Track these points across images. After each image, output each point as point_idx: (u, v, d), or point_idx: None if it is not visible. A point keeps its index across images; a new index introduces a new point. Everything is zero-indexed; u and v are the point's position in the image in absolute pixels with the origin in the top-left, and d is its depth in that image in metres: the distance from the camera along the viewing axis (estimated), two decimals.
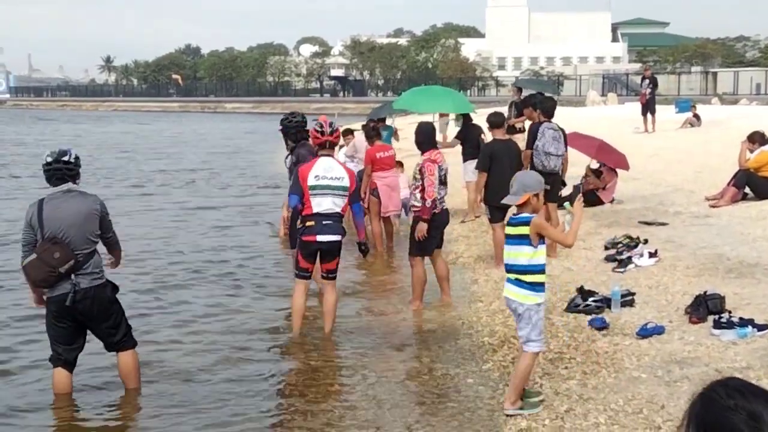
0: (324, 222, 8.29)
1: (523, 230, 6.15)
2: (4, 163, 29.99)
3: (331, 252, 8.44)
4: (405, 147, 18.71)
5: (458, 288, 10.40)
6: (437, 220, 9.37)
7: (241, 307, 9.85)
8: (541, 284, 6.22)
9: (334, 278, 8.61)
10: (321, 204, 8.30)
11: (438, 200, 9.29)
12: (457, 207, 16.20)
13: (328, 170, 8.37)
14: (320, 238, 8.31)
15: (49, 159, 6.61)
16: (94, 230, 6.60)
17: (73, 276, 6.49)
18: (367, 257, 9.59)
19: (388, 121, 18.42)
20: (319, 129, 8.56)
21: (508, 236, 6.32)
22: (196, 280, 11.27)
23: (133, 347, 7.03)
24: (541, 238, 6.17)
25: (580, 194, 6.60)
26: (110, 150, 36.24)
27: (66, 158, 6.61)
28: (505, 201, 6.48)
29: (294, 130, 10.04)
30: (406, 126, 21.08)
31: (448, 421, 6.30)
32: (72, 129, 57.43)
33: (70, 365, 6.85)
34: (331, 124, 8.61)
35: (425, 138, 9.52)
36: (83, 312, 6.60)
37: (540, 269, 6.19)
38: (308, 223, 8.32)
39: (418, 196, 9.25)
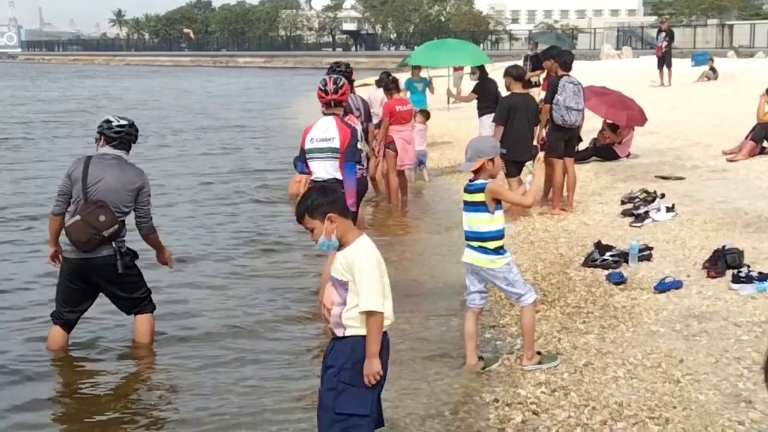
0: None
1: (479, 197, 6.09)
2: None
3: None
4: (435, 100, 18.46)
5: None
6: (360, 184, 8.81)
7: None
8: (503, 247, 6.17)
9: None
10: (316, 170, 8.00)
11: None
12: None
13: (322, 132, 7.97)
14: None
15: (124, 122, 6.74)
16: (129, 202, 6.63)
17: (113, 243, 6.53)
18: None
19: (423, 73, 18.27)
20: (323, 87, 8.10)
21: (465, 203, 6.23)
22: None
23: (152, 311, 7.05)
24: (498, 202, 6.10)
25: (540, 154, 6.51)
26: (182, 108, 35.86)
27: (121, 122, 6.74)
28: (463, 168, 6.36)
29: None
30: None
31: (466, 374, 6.31)
32: (115, 83, 56.96)
33: (69, 326, 6.92)
34: (335, 81, 8.11)
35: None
36: (103, 276, 6.64)
37: (500, 234, 6.13)
38: (310, 187, 8.18)
39: None
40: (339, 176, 7.91)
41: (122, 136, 6.71)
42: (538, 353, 6.40)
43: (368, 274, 4.39)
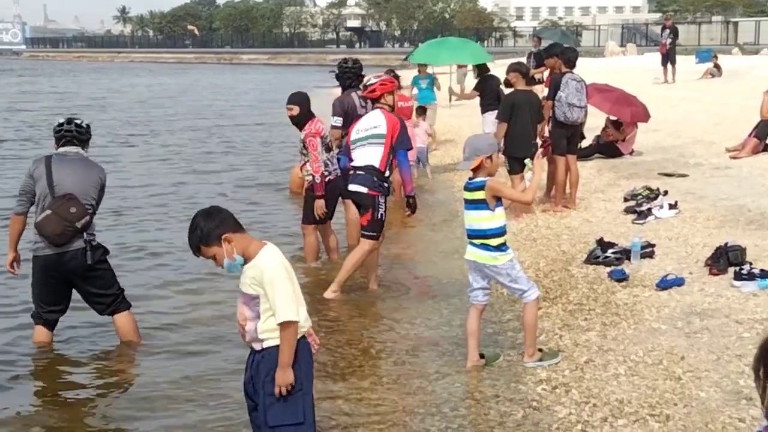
0: (357, 172, 8.11)
1: (479, 195, 6.10)
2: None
3: (361, 204, 8.18)
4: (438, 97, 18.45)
5: None
6: (331, 189, 9.07)
7: None
8: (505, 243, 6.18)
9: (367, 237, 8.22)
10: (356, 156, 8.17)
11: (330, 165, 9.07)
12: None
13: (368, 122, 8.22)
14: (350, 186, 8.17)
15: (61, 120, 6.94)
16: (95, 195, 6.72)
17: (84, 234, 6.58)
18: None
19: (429, 70, 18.29)
20: (366, 83, 8.47)
21: (466, 201, 6.26)
22: None
23: (128, 309, 7.06)
24: (498, 200, 6.11)
25: (540, 151, 6.53)
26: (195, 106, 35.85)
27: (78, 122, 6.91)
28: (459, 167, 6.37)
29: (345, 76, 9.97)
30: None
31: (467, 371, 6.31)
32: (132, 80, 57.06)
33: (50, 325, 6.94)
34: (379, 77, 8.50)
35: (302, 110, 8.97)
36: (74, 270, 6.66)
37: (502, 231, 6.14)
38: (350, 173, 8.26)
39: (309, 170, 9.00)
40: (376, 164, 8.05)
41: (62, 134, 6.82)
42: (540, 350, 6.40)
43: (279, 284, 4.28)
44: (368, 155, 8.09)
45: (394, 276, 9.16)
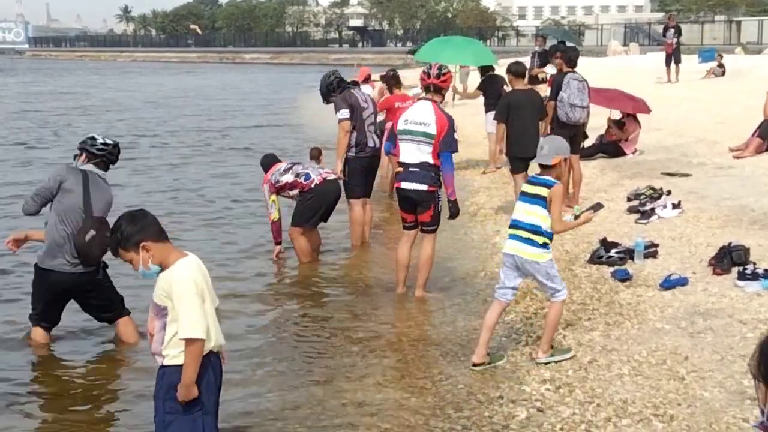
0: (411, 169, 7.95)
1: (542, 191, 6.16)
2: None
3: (421, 202, 8.02)
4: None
5: (479, 240, 10.39)
6: (319, 192, 9.28)
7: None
8: (549, 244, 6.26)
9: (429, 231, 8.17)
10: (406, 150, 7.98)
11: (311, 170, 9.36)
12: (479, 158, 16.18)
13: (417, 115, 7.95)
14: (404, 185, 7.98)
15: (109, 142, 6.86)
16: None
17: None
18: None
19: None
20: (427, 70, 8.19)
21: (525, 194, 6.32)
22: None
23: (128, 315, 7.11)
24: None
25: (594, 213, 6.59)
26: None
27: (107, 141, 6.86)
28: (537, 161, 6.33)
29: (327, 89, 10.12)
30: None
31: (471, 372, 6.31)
32: (145, 81, 57.11)
33: (48, 328, 7.00)
34: (440, 68, 8.19)
35: (263, 167, 9.67)
36: (83, 286, 6.75)
37: (551, 235, 6.22)
38: (398, 169, 8.11)
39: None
40: (430, 160, 7.92)
41: (105, 155, 6.79)
42: (551, 347, 6.41)
43: (186, 299, 4.19)
44: (420, 153, 7.93)
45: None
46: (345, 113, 9.85)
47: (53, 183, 6.61)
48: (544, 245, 6.20)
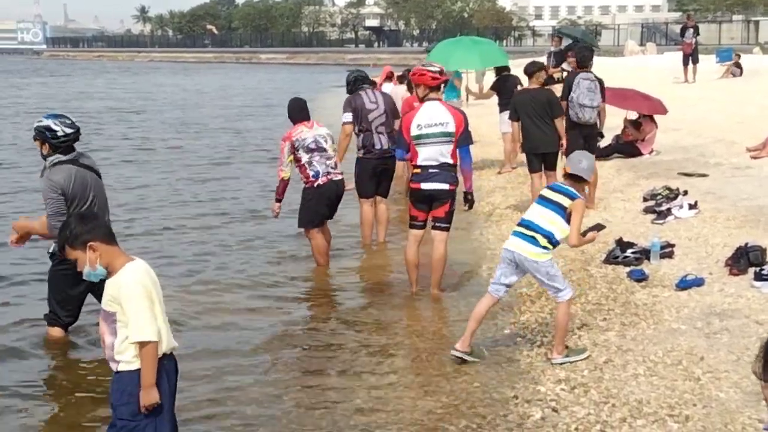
0: (431, 171, 7.91)
1: (564, 201, 6.24)
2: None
3: (439, 198, 7.98)
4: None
5: (494, 240, 10.36)
6: (323, 192, 9.13)
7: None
8: (549, 249, 6.31)
9: (444, 228, 8.13)
10: (426, 153, 7.90)
11: (320, 166, 9.09)
12: (494, 158, 16.16)
13: (432, 117, 7.86)
14: (425, 186, 7.94)
15: (69, 130, 6.60)
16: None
17: None
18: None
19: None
20: (437, 69, 8.05)
21: (544, 198, 6.38)
22: None
23: None
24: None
25: (597, 233, 6.67)
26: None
27: (67, 131, 6.61)
28: (576, 172, 6.37)
29: (347, 88, 10.26)
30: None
31: (486, 371, 6.31)
32: (180, 80, 57.28)
33: (66, 327, 7.01)
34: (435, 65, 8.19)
35: (289, 113, 9.36)
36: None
37: (557, 242, 6.31)
38: (415, 171, 8.03)
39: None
40: (450, 160, 7.94)
41: (71, 142, 6.65)
42: (566, 347, 6.41)
43: (135, 302, 4.17)
44: (440, 153, 7.90)
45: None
46: (347, 117, 9.99)
47: (57, 193, 6.50)
48: (546, 247, 6.25)
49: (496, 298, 6.50)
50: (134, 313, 4.16)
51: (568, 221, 6.26)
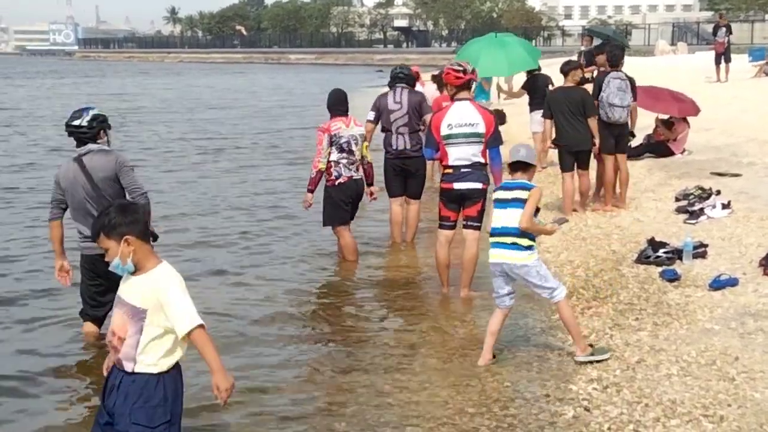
0: (463, 170, 7.92)
1: (521, 194, 6.27)
2: None
3: (471, 197, 7.97)
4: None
5: None
6: (344, 191, 9.20)
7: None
8: (534, 246, 6.34)
9: (475, 227, 8.10)
10: (456, 154, 7.91)
11: (344, 168, 9.15)
12: None
13: (462, 117, 7.86)
14: (457, 185, 7.95)
15: (73, 122, 6.71)
16: (114, 185, 6.64)
17: None
18: None
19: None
20: (461, 69, 8.00)
21: (500, 201, 6.41)
22: None
23: None
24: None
25: (558, 227, 6.68)
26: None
27: (76, 122, 6.68)
28: (519, 159, 6.42)
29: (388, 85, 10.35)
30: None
31: (517, 370, 6.29)
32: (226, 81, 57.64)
33: (98, 321, 7.03)
34: (468, 64, 8.11)
35: (329, 104, 9.40)
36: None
37: (535, 237, 6.35)
38: (446, 171, 8.03)
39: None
40: (481, 159, 7.96)
41: (71, 136, 6.75)
42: (590, 345, 6.38)
43: (179, 293, 4.13)
44: (471, 153, 7.91)
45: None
46: (369, 115, 10.23)
47: (55, 184, 6.74)
48: (530, 247, 6.25)
49: (505, 309, 6.49)
50: (178, 302, 4.11)
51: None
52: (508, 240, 6.25)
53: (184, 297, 4.15)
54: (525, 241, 6.22)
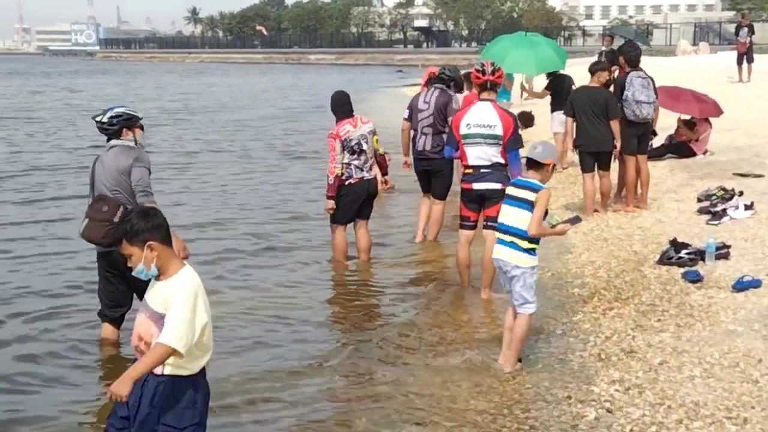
0: (482, 170, 7.93)
1: (529, 195, 6.19)
2: None
3: (491, 198, 7.88)
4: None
5: (546, 240, 10.28)
6: (353, 191, 9.20)
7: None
8: (535, 250, 6.27)
9: (495, 228, 8.23)
10: (475, 153, 7.91)
11: (355, 169, 9.13)
12: None
13: (481, 117, 7.87)
14: (477, 186, 7.96)
15: (99, 119, 6.83)
16: (125, 182, 6.64)
17: None
18: None
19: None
20: (480, 69, 8.05)
21: (510, 197, 6.36)
22: None
23: None
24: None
25: (570, 226, 6.54)
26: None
27: (98, 118, 6.79)
28: (534, 158, 6.32)
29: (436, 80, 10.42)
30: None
31: (538, 372, 6.27)
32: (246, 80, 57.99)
33: (116, 322, 7.04)
34: (492, 64, 8.10)
35: (332, 107, 9.37)
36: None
37: (537, 240, 6.26)
38: (466, 171, 8.04)
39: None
40: (501, 160, 7.94)
41: (101, 131, 6.83)
42: (519, 360, 6.40)
43: (183, 309, 4.05)
44: (489, 155, 7.90)
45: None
46: (405, 113, 10.42)
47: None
48: (529, 251, 6.21)
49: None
50: (177, 318, 4.04)
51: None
52: (508, 238, 6.25)
53: (182, 309, 4.07)
54: (525, 243, 6.18)
